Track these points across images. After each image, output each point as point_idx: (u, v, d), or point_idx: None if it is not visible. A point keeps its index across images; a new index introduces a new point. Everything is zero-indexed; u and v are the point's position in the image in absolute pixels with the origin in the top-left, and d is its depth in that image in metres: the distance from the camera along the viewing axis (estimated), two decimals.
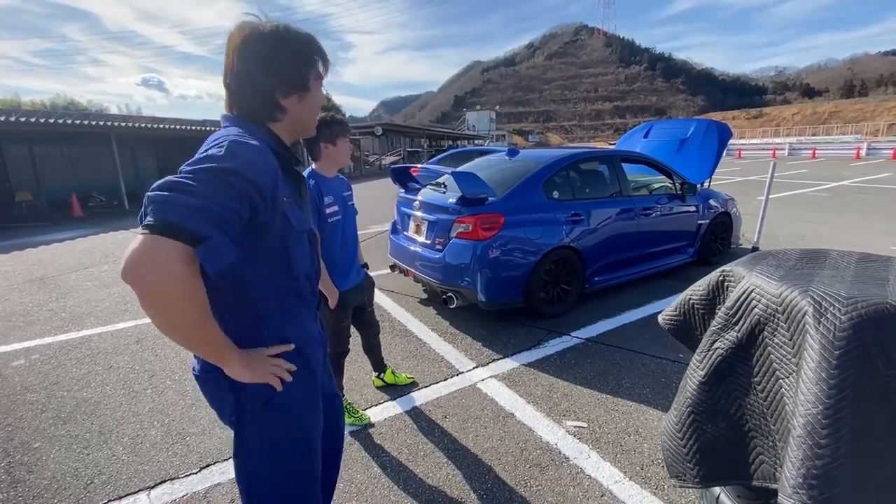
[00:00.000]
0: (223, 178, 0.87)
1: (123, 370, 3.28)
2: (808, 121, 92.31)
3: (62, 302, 4.92)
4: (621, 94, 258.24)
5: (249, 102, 1.06)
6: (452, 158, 9.41)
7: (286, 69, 1.04)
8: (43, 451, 2.41)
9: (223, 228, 0.85)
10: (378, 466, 2.20)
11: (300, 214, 1.11)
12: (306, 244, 1.15)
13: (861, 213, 8.67)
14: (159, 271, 0.80)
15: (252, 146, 0.94)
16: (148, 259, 0.79)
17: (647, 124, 6.97)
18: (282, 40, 1.03)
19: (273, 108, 1.06)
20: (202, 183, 0.84)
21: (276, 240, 1.03)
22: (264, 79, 1.03)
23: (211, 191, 0.84)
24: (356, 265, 2.47)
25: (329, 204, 2.22)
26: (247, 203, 0.90)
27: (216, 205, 0.84)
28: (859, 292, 1.13)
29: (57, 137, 14.61)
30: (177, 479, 2.16)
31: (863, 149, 26.26)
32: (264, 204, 0.94)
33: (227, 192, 0.87)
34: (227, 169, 0.88)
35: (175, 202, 0.81)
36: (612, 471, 2.12)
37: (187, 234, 0.81)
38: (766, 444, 1.28)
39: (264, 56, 1.01)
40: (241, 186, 0.89)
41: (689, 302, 1.63)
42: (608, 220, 4.20)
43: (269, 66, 1.02)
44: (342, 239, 2.32)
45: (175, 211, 0.80)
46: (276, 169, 0.98)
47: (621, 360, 3.18)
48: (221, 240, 0.85)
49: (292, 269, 1.09)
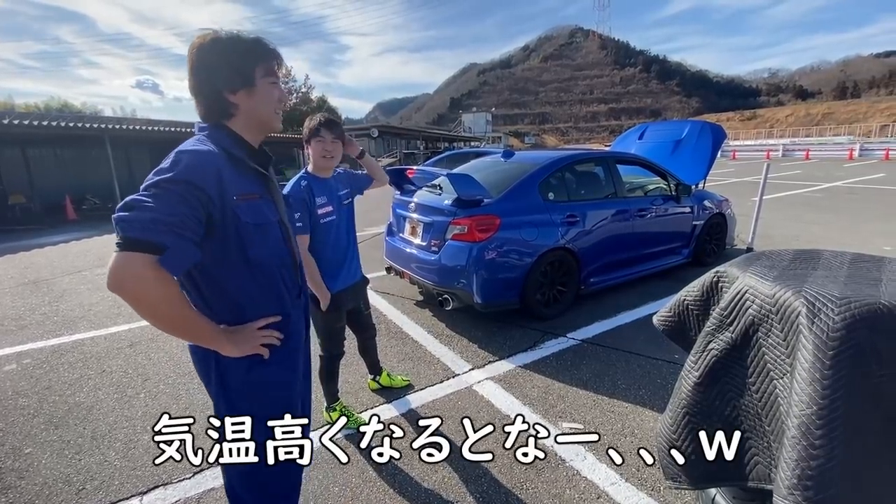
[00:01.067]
0: (169, 188, 0.99)
1: (116, 374, 3.25)
2: (801, 122, 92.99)
3: (55, 306, 4.88)
4: (616, 96, 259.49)
5: (204, 105, 1.16)
6: (449, 160, 9.41)
7: (230, 66, 1.12)
8: (34, 456, 2.38)
9: (179, 234, 0.97)
10: (373, 470, 2.19)
11: (263, 209, 1.18)
12: (276, 234, 1.23)
13: (854, 213, 8.73)
14: (135, 281, 0.95)
15: (195, 152, 1.06)
16: (122, 273, 0.94)
17: (642, 126, 6.99)
18: (224, 43, 1.13)
19: (224, 105, 1.15)
20: (153, 197, 0.97)
21: (233, 237, 1.12)
22: (211, 79, 1.13)
23: (161, 202, 0.97)
24: (351, 265, 2.42)
25: (322, 204, 2.20)
26: (197, 204, 1.02)
27: (167, 214, 0.96)
28: (852, 293, 1.13)
29: (51, 140, 14.51)
30: (170, 485, 2.14)
31: (856, 150, 26.49)
32: (212, 203, 1.05)
33: (175, 200, 0.98)
34: (171, 179, 1.00)
35: (133, 220, 0.95)
36: (609, 472, 2.12)
37: (149, 245, 0.94)
38: (761, 444, 1.28)
39: (209, 59, 1.12)
40: (186, 191, 1.00)
41: (683, 303, 1.64)
42: (604, 222, 4.20)
43: (214, 66, 1.12)
44: (335, 238, 2.29)
45: (134, 227, 0.94)
46: (218, 169, 1.07)
47: (617, 362, 3.18)
48: (179, 244, 0.97)
49: (259, 263, 1.18)
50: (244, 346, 1.15)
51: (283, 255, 1.27)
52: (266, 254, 1.20)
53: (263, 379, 1.22)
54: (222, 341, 1.11)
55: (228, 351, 1.13)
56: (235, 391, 1.21)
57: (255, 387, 1.21)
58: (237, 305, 1.18)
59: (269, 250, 1.21)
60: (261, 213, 1.17)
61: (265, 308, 1.22)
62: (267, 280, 1.22)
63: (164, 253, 0.95)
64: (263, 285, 1.21)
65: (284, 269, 1.27)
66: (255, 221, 1.15)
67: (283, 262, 1.26)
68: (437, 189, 4.19)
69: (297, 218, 2.10)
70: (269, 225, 1.20)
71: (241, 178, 1.14)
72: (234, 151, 1.15)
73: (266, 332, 1.20)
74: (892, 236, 6.69)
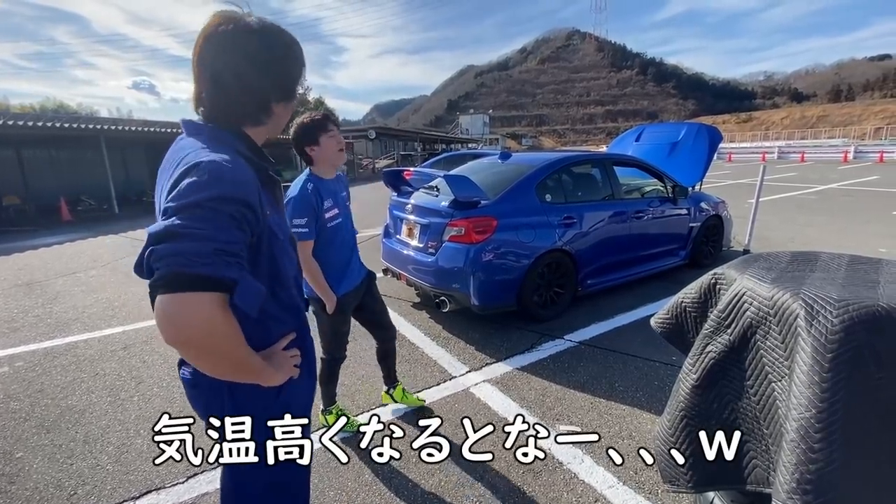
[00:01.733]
0: (219, 210, 0.81)
1: (110, 377, 3.22)
2: (796, 125, 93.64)
3: (48, 308, 4.83)
4: (613, 99, 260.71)
5: (233, 103, 0.97)
6: (446, 162, 9.41)
7: (284, 72, 0.99)
8: (25, 460, 2.35)
9: (241, 265, 0.83)
10: (370, 473, 2.17)
11: (279, 221, 1.07)
12: (291, 251, 1.12)
13: (849, 215, 8.78)
14: (205, 328, 0.78)
15: (234, 164, 0.88)
16: (189, 319, 0.77)
17: (639, 128, 7.00)
18: (277, 39, 0.97)
19: (261, 112, 1.00)
20: (202, 221, 0.78)
21: (266, 254, 0.99)
22: (259, 80, 0.96)
23: (214, 227, 0.79)
24: (355, 265, 2.37)
25: (329, 207, 2.14)
26: (246, 226, 0.86)
27: (227, 242, 0.80)
28: (850, 295, 1.13)
29: (46, 141, 14.43)
30: (163, 489, 2.11)
31: (850, 152, 26.67)
32: (256, 221, 0.90)
33: (229, 223, 0.82)
34: (220, 197, 0.81)
35: (187, 252, 0.76)
36: (606, 475, 2.11)
37: (216, 282, 0.78)
38: (760, 448, 1.27)
39: (262, 55, 0.94)
40: (237, 211, 0.83)
41: (681, 305, 1.63)
42: (601, 223, 4.20)
43: (266, 66, 0.95)
44: (341, 240, 2.25)
45: (194, 261, 0.76)
46: (256, 181, 0.92)
47: (614, 364, 3.18)
48: (246, 277, 0.83)
49: (282, 279, 1.07)
50: (283, 372, 1.04)
51: (296, 266, 1.18)
52: (290, 268, 1.11)
53: (295, 397, 1.13)
54: (269, 371, 0.99)
55: (274, 380, 1.01)
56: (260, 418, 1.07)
57: (284, 407, 1.10)
58: (265, 327, 1.06)
59: (291, 264, 1.12)
60: (283, 225, 1.09)
61: (286, 325, 1.11)
62: (287, 295, 1.11)
63: (236, 289, 0.80)
64: (284, 301, 1.10)
65: (296, 283, 1.18)
66: (283, 235, 1.06)
67: (296, 278, 1.18)
68: (435, 191, 4.18)
69: (304, 224, 2.04)
70: (288, 237, 1.12)
71: (265, 189, 1.01)
72: (253, 157, 1.00)
73: (291, 352, 1.09)
74: (887, 238, 6.73)
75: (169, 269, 0.75)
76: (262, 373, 0.97)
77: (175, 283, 0.75)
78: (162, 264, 0.76)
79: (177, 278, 0.75)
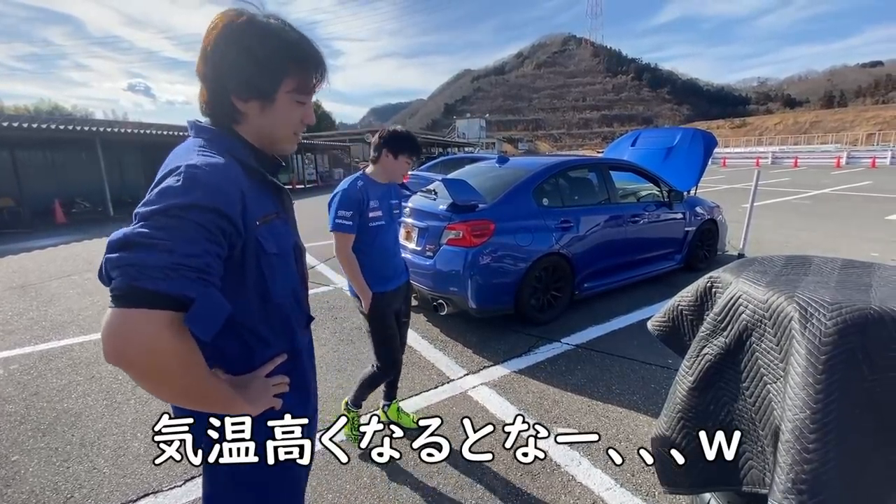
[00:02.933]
0: (186, 218, 0.73)
1: (106, 380, 3.20)
2: (789, 130, 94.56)
3: (43, 310, 4.80)
4: (609, 104, 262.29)
5: (210, 100, 0.93)
6: (443, 165, 9.44)
7: (247, 69, 0.88)
8: (21, 464, 2.33)
9: (205, 280, 0.73)
10: (368, 476, 2.17)
11: (281, 230, 0.98)
12: (291, 264, 1.04)
13: (843, 220, 8.87)
14: (149, 350, 0.70)
15: (213, 167, 0.81)
16: (132, 338, 0.69)
17: (635, 133, 7.06)
18: (251, 36, 0.88)
19: (229, 109, 0.92)
20: (166, 230, 0.71)
21: (252, 271, 0.90)
22: (221, 75, 0.89)
23: (179, 238, 0.72)
24: (397, 269, 2.35)
25: (374, 208, 2.17)
26: (221, 239, 0.78)
27: (189, 255, 0.72)
28: (843, 298, 1.15)
29: (40, 143, 14.34)
30: (160, 493, 2.10)
31: (843, 158, 26.97)
32: (237, 234, 0.82)
33: (197, 234, 0.74)
34: (189, 204, 0.74)
35: (143, 263, 0.69)
36: (604, 478, 2.12)
37: (169, 299, 0.69)
38: (755, 449, 1.29)
39: (226, 50, 0.87)
40: (209, 221, 0.76)
41: (677, 308, 1.65)
42: (597, 227, 4.23)
43: (229, 61, 0.88)
44: (381, 243, 2.24)
45: (146, 275, 0.68)
46: (242, 189, 0.84)
47: (611, 367, 3.20)
48: (208, 295, 0.74)
49: (273, 296, 0.97)
50: (259, 404, 0.93)
51: (296, 284, 1.06)
52: (283, 286, 0.99)
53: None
54: (238, 403, 0.88)
55: (247, 413, 0.92)
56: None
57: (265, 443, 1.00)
58: (247, 348, 0.96)
59: (286, 281, 1.01)
60: (281, 236, 0.98)
61: (275, 348, 1.00)
62: (280, 317, 1.01)
63: (190, 310, 0.71)
64: (276, 324, 1.00)
65: (296, 301, 1.07)
66: (278, 250, 0.95)
67: (295, 292, 1.06)
68: (432, 194, 4.20)
69: (348, 217, 2.09)
70: (289, 250, 1.01)
71: (259, 195, 0.92)
72: (251, 162, 0.92)
73: (275, 379, 0.98)
74: (879, 242, 6.80)
75: (122, 280, 0.69)
76: (229, 404, 0.87)
77: (123, 297, 0.69)
78: (116, 274, 0.70)
79: (126, 292, 0.69)
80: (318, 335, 3.86)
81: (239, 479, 1.00)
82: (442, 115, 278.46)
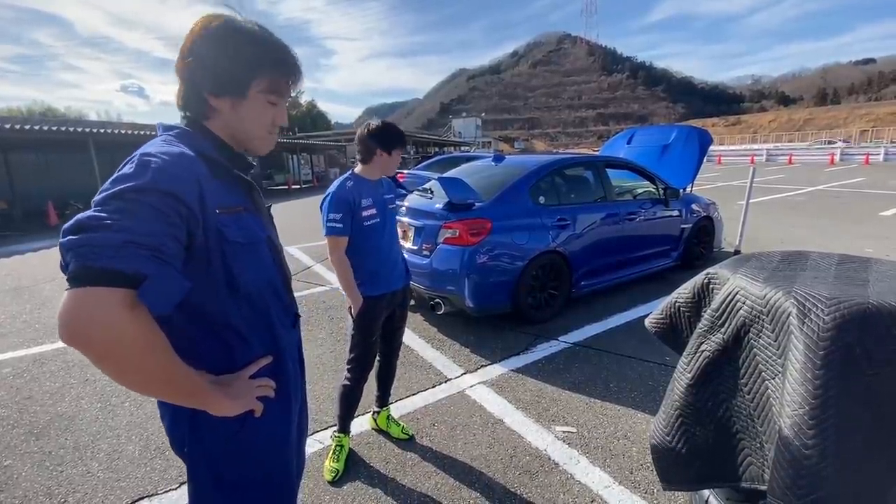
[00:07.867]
0: (139, 200, 0.74)
1: (100, 383, 3.17)
2: (783, 128, 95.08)
3: (36, 313, 4.76)
4: (604, 102, 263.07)
5: (184, 95, 0.96)
6: (439, 164, 9.42)
7: (219, 66, 0.91)
8: (14, 468, 2.31)
9: (160, 259, 0.73)
10: (365, 477, 2.16)
11: (249, 223, 0.98)
12: (264, 256, 1.04)
13: (837, 216, 8.92)
14: (105, 327, 0.68)
15: (168, 153, 0.82)
16: (86, 316, 0.68)
17: (630, 130, 7.07)
18: (225, 37, 0.91)
19: (201, 104, 0.96)
20: (119, 212, 0.72)
21: (217, 260, 0.90)
22: (195, 72, 0.93)
23: (130, 219, 0.72)
24: (394, 271, 2.29)
25: (367, 206, 2.14)
26: (177, 221, 0.78)
27: (142, 234, 0.72)
28: (841, 293, 1.15)
29: (33, 144, 14.22)
30: (155, 496, 2.08)
31: (837, 155, 27.13)
32: (194, 219, 0.82)
33: (150, 215, 0.74)
34: (140, 188, 0.75)
35: (95, 243, 0.69)
36: (602, 476, 2.12)
37: (122, 276, 0.69)
38: (754, 445, 1.28)
39: (202, 49, 0.91)
40: (162, 204, 0.76)
41: (675, 305, 1.64)
42: (594, 225, 4.23)
43: (204, 58, 0.91)
44: (376, 242, 2.20)
45: (99, 254, 0.68)
46: (198, 177, 0.85)
47: (609, 364, 3.19)
48: (162, 273, 0.73)
49: (243, 286, 0.96)
50: (242, 401, 0.92)
51: (274, 279, 1.06)
52: (255, 278, 0.99)
53: (258, 438, 0.99)
54: (218, 397, 0.87)
55: (225, 409, 0.89)
56: (222, 458, 0.97)
57: (246, 449, 0.98)
58: (226, 346, 0.96)
59: (258, 274, 1.01)
60: (248, 228, 0.97)
61: (256, 346, 1.00)
62: (256, 311, 1.00)
63: (143, 285, 0.71)
64: (252, 318, 0.99)
65: (276, 297, 1.07)
66: (244, 239, 0.95)
67: (274, 288, 1.06)
68: (429, 193, 4.19)
69: (339, 219, 2.06)
70: (258, 243, 1.01)
71: (222, 187, 0.93)
72: (214, 155, 0.94)
73: (259, 381, 0.98)
74: (873, 238, 6.84)
75: (75, 262, 0.69)
76: (203, 395, 0.85)
77: (77, 278, 0.68)
78: (69, 258, 0.70)
79: (80, 273, 0.68)
80: (314, 335, 3.84)
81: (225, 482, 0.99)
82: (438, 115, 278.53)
